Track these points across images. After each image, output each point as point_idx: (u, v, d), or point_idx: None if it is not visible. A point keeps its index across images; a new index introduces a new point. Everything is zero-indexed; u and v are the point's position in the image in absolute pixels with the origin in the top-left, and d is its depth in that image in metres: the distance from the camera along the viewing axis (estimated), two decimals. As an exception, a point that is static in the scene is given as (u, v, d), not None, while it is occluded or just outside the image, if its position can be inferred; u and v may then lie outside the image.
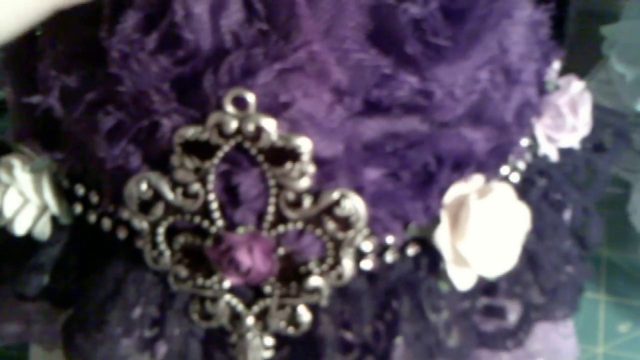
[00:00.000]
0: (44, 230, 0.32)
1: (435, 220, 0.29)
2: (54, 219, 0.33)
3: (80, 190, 0.32)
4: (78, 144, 0.30)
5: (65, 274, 0.33)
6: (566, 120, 0.33)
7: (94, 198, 0.31)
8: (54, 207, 0.32)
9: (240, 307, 0.30)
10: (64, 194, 0.32)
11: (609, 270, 0.49)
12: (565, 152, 0.35)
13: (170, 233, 0.29)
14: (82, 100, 0.29)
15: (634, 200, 0.46)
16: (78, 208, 0.32)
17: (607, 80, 0.45)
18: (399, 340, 0.30)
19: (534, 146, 0.34)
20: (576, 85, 0.34)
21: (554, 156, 0.35)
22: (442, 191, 0.29)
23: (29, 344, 0.40)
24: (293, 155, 0.27)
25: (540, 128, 0.34)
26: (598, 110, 0.36)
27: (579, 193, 0.35)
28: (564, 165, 0.35)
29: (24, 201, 0.32)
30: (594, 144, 0.37)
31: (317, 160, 0.27)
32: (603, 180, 0.36)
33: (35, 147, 0.32)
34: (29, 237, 0.33)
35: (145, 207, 0.29)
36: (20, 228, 0.33)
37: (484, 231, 0.29)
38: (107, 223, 0.31)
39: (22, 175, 0.32)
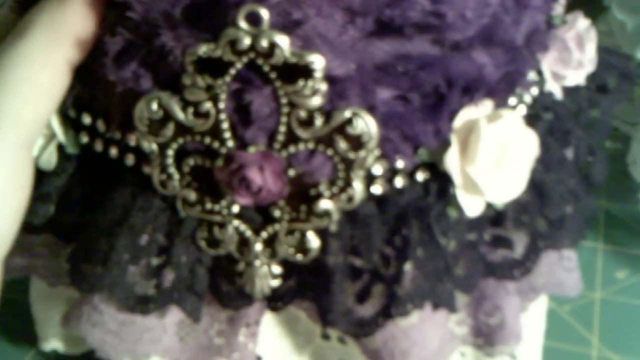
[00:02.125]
0: (50, 159, 0.32)
1: (445, 145, 0.29)
2: (60, 149, 0.32)
3: (86, 119, 0.31)
4: (85, 69, 0.30)
5: (70, 206, 0.32)
6: (572, 54, 0.33)
7: (101, 126, 0.31)
8: (61, 135, 0.32)
9: (248, 232, 0.30)
10: (70, 124, 0.32)
11: (607, 220, 0.50)
12: (570, 92, 0.36)
13: (180, 156, 0.29)
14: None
15: (633, 151, 0.46)
16: (84, 137, 0.32)
17: (608, 32, 0.45)
18: (408, 267, 0.30)
19: (540, 82, 0.34)
20: (583, 21, 0.34)
21: (558, 94, 0.35)
22: (452, 114, 0.29)
23: (30, 287, 0.39)
24: (306, 72, 0.27)
25: (547, 64, 0.34)
26: (603, 51, 0.36)
27: (584, 132, 0.36)
28: (569, 104, 0.36)
29: (30, 130, 0.32)
30: (598, 84, 0.37)
31: (329, 78, 0.27)
32: (607, 121, 0.36)
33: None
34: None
35: (155, 128, 0.28)
36: (25, 157, 0.32)
37: (494, 155, 0.29)
38: (114, 150, 0.31)
39: (28, 103, 0.32)
